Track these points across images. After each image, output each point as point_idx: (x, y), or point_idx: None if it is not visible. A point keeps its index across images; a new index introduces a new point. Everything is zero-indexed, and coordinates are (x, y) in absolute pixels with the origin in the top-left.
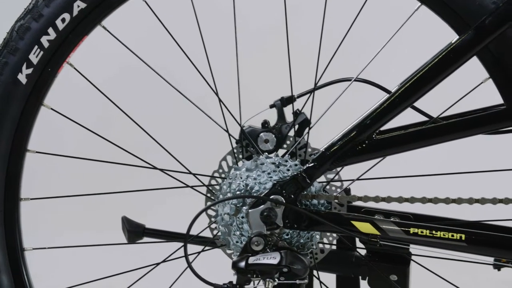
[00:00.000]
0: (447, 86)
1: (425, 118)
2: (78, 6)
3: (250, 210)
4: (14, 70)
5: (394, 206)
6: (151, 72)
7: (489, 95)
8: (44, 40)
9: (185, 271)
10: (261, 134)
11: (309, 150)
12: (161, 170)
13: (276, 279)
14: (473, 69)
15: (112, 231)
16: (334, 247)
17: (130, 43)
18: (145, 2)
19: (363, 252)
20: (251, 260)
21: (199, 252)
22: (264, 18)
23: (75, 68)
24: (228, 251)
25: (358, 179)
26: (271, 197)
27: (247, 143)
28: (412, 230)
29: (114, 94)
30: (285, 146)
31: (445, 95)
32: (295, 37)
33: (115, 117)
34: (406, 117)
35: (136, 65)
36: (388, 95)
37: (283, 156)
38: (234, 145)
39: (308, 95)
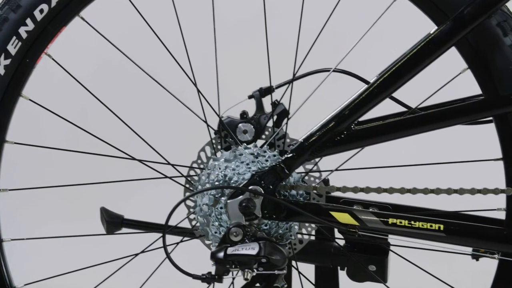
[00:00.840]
0: (425, 77)
1: (403, 109)
2: None
3: (228, 201)
4: None
5: (372, 197)
6: (130, 64)
7: (467, 86)
8: (22, 31)
9: (164, 262)
10: (240, 124)
11: (288, 140)
12: (140, 161)
13: (254, 270)
14: (451, 60)
15: (91, 222)
16: (312, 238)
17: (109, 34)
18: None
19: (341, 242)
20: (230, 250)
21: (177, 243)
22: (243, 9)
23: (53, 59)
24: (207, 242)
25: (336, 169)
26: (250, 187)
27: (226, 134)
28: (390, 220)
29: (93, 85)
30: (263, 136)
31: (423, 86)
32: (273, 28)
33: (94, 108)
34: (385, 108)
35: (115, 56)
36: (366, 85)
37: (261, 146)
38: (213, 135)
39: (287, 85)
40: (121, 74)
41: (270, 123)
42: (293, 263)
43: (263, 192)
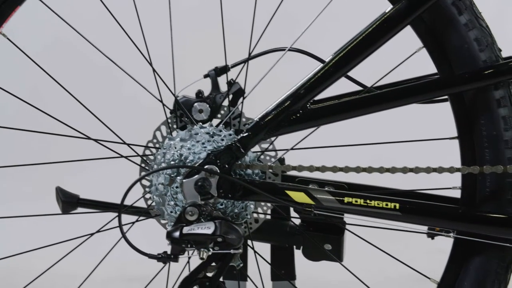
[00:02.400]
0: (381, 56)
1: (359, 88)
2: None
3: (184, 180)
4: None
5: (328, 176)
6: (85, 43)
7: (423, 65)
8: None
9: (120, 241)
10: (195, 104)
11: (243, 119)
12: (95, 140)
13: (210, 249)
14: (407, 39)
15: (46, 202)
16: (268, 217)
17: (64, 13)
18: None
19: (297, 221)
20: (186, 230)
21: (133, 222)
22: None
23: (8, 38)
24: (163, 221)
25: (292, 148)
26: (205, 167)
27: (181, 113)
28: (346, 199)
29: (47, 64)
30: (219, 116)
31: (379, 65)
32: (229, 7)
33: (48, 87)
34: (341, 87)
35: (70, 35)
36: (322, 64)
37: (217, 126)
38: (168, 115)
39: (242, 65)
40: (76, 53)
41: (225, 102)
42: (249, 242)
43: (218, 171)
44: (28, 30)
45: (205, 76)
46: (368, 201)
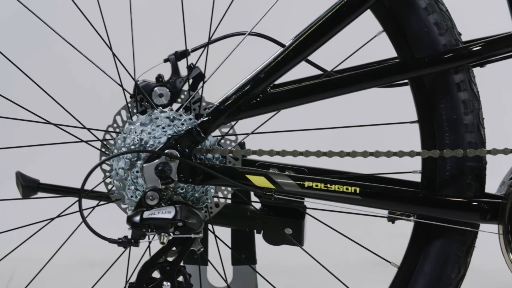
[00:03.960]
0: (341, 40)
1: (319, 72)
2: None
3: (144, 165)
4: None
5: (289, 160)
6: (44, 26)
7: (383, 49)
8: None
9: (80, 226)
10: (156, 88)
11: (204, 104)
12: (55, 125)
13: (171, 233)
14: (367, 23)
15: (6, 187)
16: (229, 201)
17: None
18: None
19: (258, 206)
20: (146, 214)
21: (93, 207)
22: None
23: None
24: (123, 206)
25: (252, 133)
26: (166, 151)
27: (142, 98)
28: (306, 183)
29: (4, 47)
30: (179, 100)
31: (339, 49)
32: None
33: (6, 71)
34: (301, 71)
35: (28, 18)
36: (282, 48)
37: (177, 110)
38: (129, 99)
39: (202, 49)
40: (34, 36)
41: (185, 87)
42: (210, 226)
43: (179, 155)
44: None
45: (165, 60)
46: (328, 185)
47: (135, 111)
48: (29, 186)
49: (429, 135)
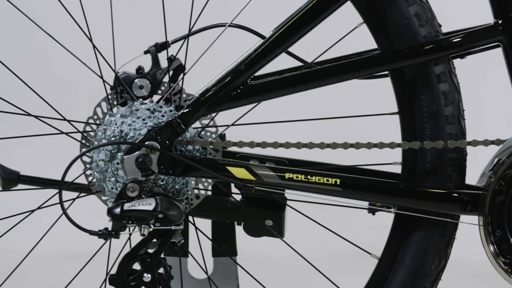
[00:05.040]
0: (322, 32)
1: (300, 63)
2: None
3: (125, 157)
4: None
5: (269, 152)
6: (23, 17)
7: (363, 40)
8: None
9: (61, 218)
10: (136, 80)
11: (184, 95)
12: (35, 116)
13: (151, 225)
14: (347, 15)
15: None
16: (209, 193)
17: None
18: None
19: (238, 197)
20: (126, 206)
21: (74, 199)
22: None
23: None
24: (104, 198)
25: (233, 124)
26: (146, 143)
27: (122, 89)
28: (287, 175)
29: None
30: (160, 92)
31: (320, 41)
32: None
33: None
34: (281, 63)
35: (7, 9)
36: (262, 40)
37: (158, 102)
38: (109, 91)
39: (183, 40)
40: (15, 28)
41: (166, 78)
42: (190, 218)
43: (159, 147)
44: None
45: (146, 52)
46: (309, 177)
47: (115, 102)
48: (9, 178)
49: (409, 126)
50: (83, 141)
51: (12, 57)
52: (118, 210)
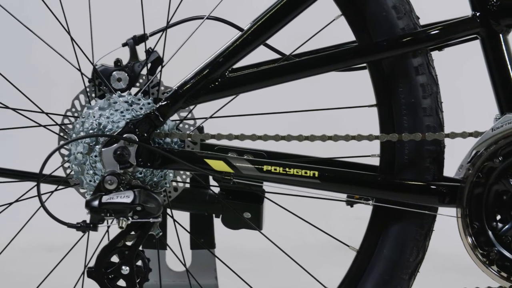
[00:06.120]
0: (300, 24)
1: (278, 56)
2: None
3: (103, 149)
4: None
5: (247, 144)
6: (1, 11)
7: (341, 33)
8: None
9: (39, 211)
10: (114, 72)
11: (162, 88)
12: (13, 109)
13: (129, 218)
14: (325, 7)
15: None
16: (187, 186)
17: None
18: None
19: (216, 190)
20: (105, 199)
21: (52, 192)
22: None
23: None
24: (82, 190)
25: (211, 117)
26: (124, 135)
27: (100, 82)
28: (265, 167)
29: None
30: (138, 84)
31: (298, 33)
32: None
33: None
34: (259, 55)
35: None
36: (240, 32)
37: (136, 94)
38: (87, 84)
39: (161, 33)
40: None
41: (144, 71)
42: (168, 211)
43: (137, 140)
44: None
45: (124, 44)
46: (287, 169)
47: (93, 95)
48: None
49: (387, 118)
50: (61, 134)
51: None
52: (96, 202)
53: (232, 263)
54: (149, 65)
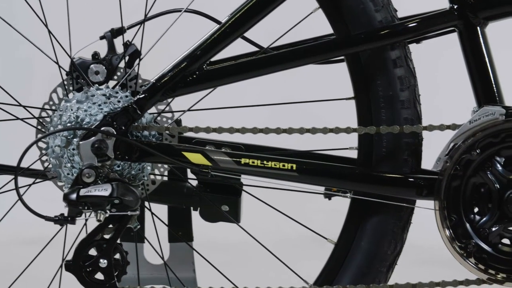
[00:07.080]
0: (278, 17)
1: (256, 49)
2: None
3: (81, 142)
4: None
5: (225, 137)
6: None
7: (319, 25)
8: None
9: (16, 204)
10: (92, 65)
11: (140, 81)
12: None
13: (107, 211)
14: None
15: None
16: (165, 178)
17: None
18: None
19: (194, 183)
20: (82, 192)
21: (29, 185)
22: None
23: None
24: (60, 184)
25: (189, 110)
26: (102, 128)
27: (78, 75)
28: (243, 160)
29: None
30: (115, 77)
31: (276, 26)
32: None
33: None
34: (237, 48)
35: None
36: (218, 25)
37: (113, 87)
38: (65, 77)
39: (138, 26)
40: None
41: (122, 64)
42: (146, 204)
43: (115, 133)
44: None
45: (101, 37)
46: (265, 162)
47: (71, 88)
48: None
49: (365, 111)
50: (39, 127)
51: None
52: (74, 195)
53: (210, 256)
54: (127, 58)
